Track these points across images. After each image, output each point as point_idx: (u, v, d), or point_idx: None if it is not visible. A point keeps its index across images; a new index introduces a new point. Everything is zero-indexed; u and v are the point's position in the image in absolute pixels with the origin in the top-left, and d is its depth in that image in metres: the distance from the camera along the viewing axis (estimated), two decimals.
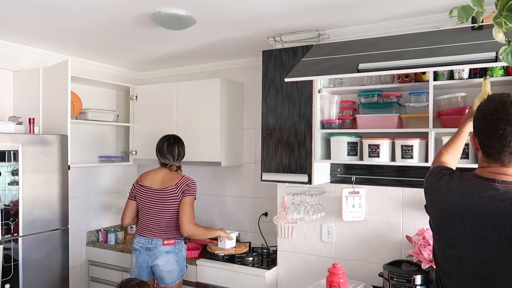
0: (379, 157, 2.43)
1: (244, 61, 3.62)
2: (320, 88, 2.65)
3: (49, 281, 2.76)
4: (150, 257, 2.85)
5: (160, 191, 2.89)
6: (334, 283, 2.33)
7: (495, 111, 1.36)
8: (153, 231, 2.89)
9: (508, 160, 1.36)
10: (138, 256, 2.88)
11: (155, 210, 2.89)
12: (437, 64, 1.92)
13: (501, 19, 0.79)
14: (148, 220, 2.91)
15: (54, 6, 2.33)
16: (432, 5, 2.31)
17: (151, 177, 2.98)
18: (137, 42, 3.09)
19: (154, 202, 2.90)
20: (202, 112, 3.48)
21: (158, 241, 2.86)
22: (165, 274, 2.84)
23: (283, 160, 2.78)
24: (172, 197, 2.87)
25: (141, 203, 2.95)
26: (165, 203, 2.88)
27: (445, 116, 2.31)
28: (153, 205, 2.90)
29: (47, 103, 3.04)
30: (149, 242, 2.87)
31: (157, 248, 2.85)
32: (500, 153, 1.36)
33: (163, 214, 2.88)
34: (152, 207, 2.90)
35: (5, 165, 2.52)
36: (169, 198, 2.87)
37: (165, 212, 2.88)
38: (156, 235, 2.88)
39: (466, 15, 0.84)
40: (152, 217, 2.90)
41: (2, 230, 2.48)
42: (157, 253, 2.84)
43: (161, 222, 2.88)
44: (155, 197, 2.90)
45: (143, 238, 2.89)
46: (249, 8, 2.36)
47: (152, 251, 2.85)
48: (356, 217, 2.70)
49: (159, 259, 2.84)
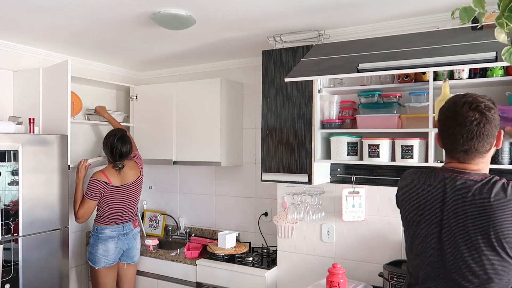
0: (379, 157, 2.43)
1: (244, 61, 3.62)
2: (320, 88, 2.65)
3: (49, 281, 2.76)
4: (129, 240, 3.20)
5: (133, 183, 3.22)
6: (334, 283, 2.33)
7: (448, 111, 1.45)
8: (124, 217, 3.21)
9: (463, 158, 1.44)
10: (118, 242, 3.15)
11: (130, 200, 3.23)
12: (437, 64, 1.92)
13: (503, 19, 0.79)
14: (120, 211, 3.18)
15: (54, 6, 2.33)
16: (432, 5, 2.31)
17: (116, 176, 3.15)
18: (137, 42, 3.09)
19: (130, 194, 3.21)
20: (202, 112, 3.48)
21: (129, 225, 3.23)
22: (136, 252, 3.28)
23: (283, 160, 2.78)
24: (141, 184, 3.33)
25: (112, 200, 3.13)
26: (138, 191, 3.31)
27: None
28: (128, 197, 3.21)
29: (47, 103, 3.04)
30: (123, 228, 3.19)
31: (132, 231, 3.23)
32: (453, 151, 1.45)
33: (136, 201, 3.30)
34: (126, 199, 3.20)
35: (5, 165, 2.52)
36: (140, 186, 3.32)
37: (137, 198, 3.32)
38: (126, 220, 3.22)
39: (467, 16, 0.85)
40: (125, 206, 3.20)
41: (2, 230, 2.48)
42: (134, 235, 3.24)
43: (133, 207, 3.30)
44: (130, 190, 3.21)
45: (117, 227, 3.16)
46: (249, 8, 2.36)
47: (129, 234, 3.21)
48: (356, 217, 2.70)
49: (136, 240, 3.27)
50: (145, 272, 3.44)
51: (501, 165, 2.08)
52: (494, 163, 2.08)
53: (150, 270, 3.42)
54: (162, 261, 3.36)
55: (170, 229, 3.99)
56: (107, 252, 3.10)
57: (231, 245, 3.25)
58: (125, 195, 3.18)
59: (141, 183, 3.32)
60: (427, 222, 1.46)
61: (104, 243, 3.10)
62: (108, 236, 3.11)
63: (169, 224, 4.04)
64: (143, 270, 3.44)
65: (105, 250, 3.10)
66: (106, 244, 3.10)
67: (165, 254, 3.37)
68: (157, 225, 4.05)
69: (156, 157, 3.71)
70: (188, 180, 4.00)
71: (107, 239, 3.11)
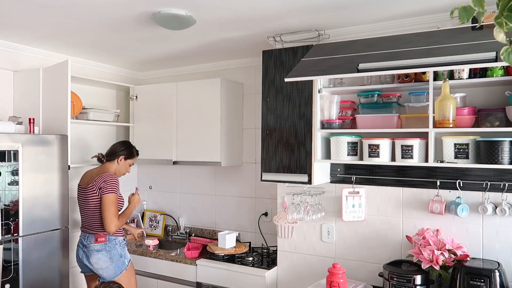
0: (379, 157, 2.43)
1: (244, 61, 3.62)
2: (320, 88, 2.65)
3: (49, 281, 2.76)
4: (84, 253, 2.91)
5: (82, 189, 2.96)
6: (334, 283, 2.33)
7: None
8: (86, 227, 2.95)
9: None
10: (78, 251, 2.95)
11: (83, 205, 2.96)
12: (437, 64, 1.92)
13: (502, 19, 0.79)
14: (81, 215, 2.99)
15: (54, 6, 2.33)
16: (432, 5, 2.31)
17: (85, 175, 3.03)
18: (137, 42, 3.09)
19: (82, 199, 2.96)
20: (202, 112, 3.48)
21: (90, 237, 2.90)
22: (102, 272, 2.87)
23: (283, 160, 2.78)
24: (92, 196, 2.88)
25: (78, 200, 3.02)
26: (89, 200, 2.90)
27: None
28: (81, 201, 2.98)
29: (47, 103, 3.04)
30: (85, 239, 2.93)
31: (90, 245, 2.89)
32: None
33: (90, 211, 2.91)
34: (80, 203, 2.98)
35: (5, 165, 2.52)
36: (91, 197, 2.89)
37: (91, 209, 2.90)
38: (88, 231, 2.93)
39: (467, 15, 0.84)
40: (82, 212, 2.98)
41: (2, 230, 2.48)
42: (89, 251, 2.88)
43: (89, 219, 2.93)
44: (81, 194, 2.96)
45: (82, 234, 2.97)
46: (249, 8, 2.36)
47: (85, 248, 2.91)
48: (356, 217, 2.70)
49: (92, 257, 2.87)
50: (145, 272, 3.44)
51: (501, 165, 2.08)
52: (494, 163, 2.08)
53: (150, 270, 3.42)
54: (162, 261, 3.36)
55: (170, 229, 3.99)
56: (75, 258, 3.00)
57: (231, 245, 3.25)
58: (79, 197, 3.00)
59: (91, 195, 2.88)
60: None
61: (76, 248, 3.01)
62: (77, 241, 3.01)
63: (169, 224, 4.04)
64: (143, 270, 3.44)
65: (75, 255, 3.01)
66: (75, 249, 3.01)
67: (165, 254, 3.37)
68: (157, 225, 4.05)
69: (156, 157, 3.71)
70: (188, 180, 4.00)
71: (77, 244, 3.00)
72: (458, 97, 2.32)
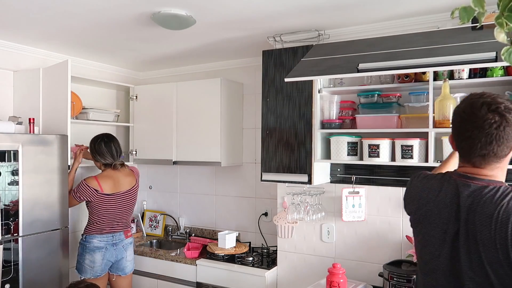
0: (379, 157, 2.43)
1: (244, 61, 3.62)
2: (320, 88, 2.65)
3: (49, 281, 2.76)
4: (118, 251, 3.09)
5: (127, 192, 3.14)
6: (334, 283, 2.33)
7: (464, 113, 1.34)
8: (115, 227, 3.11)
9: (479, 163, 1.34)
10: (105, 253, 3.04)
11: (123, 209, 3.13)
12: (437, 64, 1.92)
13: (502, 19, 0.80)
14: (111, 220, 3.09)
15: (54, 6, 2.33)
16: (432, 5, 2.31)
17: (109, 183, 3.07)
18: (137, 42, 3.09)
19: (123, 203, 3.12)
20: (202, 112, 3.48)
21: (120, 235, 3.12)
22: (128, 264, 3.15)
23: (283, 160, 2.78)
24: (136, 193, 3.24)
25: (103, 207, 3.05)
26: (133, 201, 3.21)
27: None
28: (121, 206, 3.12)
29: (47, 103, 3.04)
30: (113, 238, 3.08)
31: (122, 241, 3.12)
32: (469, 155, 1.35)
33: (129, 211, 3.21)
34: (118, 208, 3.11)
35: (5, 165, 2.52)
36: (135, 195, 3.23)
37: (131, 208, 3.22)
38: (118, 230, 3.12)
39: (467, 16, 0.85)
40: (117, 215, 3.11)
41: (2, 230, 2.48)
42: (125, 246, 3.13)
43: (127, 217, 3.20)
44: (123, 199, 3.12)
45: (106, 236, 3.06)
46: (249, 8, 2.36)
47: (118, 245, 3.09)
48: (356, 217, 2.70)
49: (127, 251, 3.15)
50: (145, 272, 3.44)
51: None
52: None
53: (150, 270, 3.42)
54: (162, 261, 3.36)
55: (170, 229, 3.99)
56: (93, 263, 2.99)
57: (231, 245, 3.25)
58: (117, 204, 3.09)
59: (136, 193, 3.22)
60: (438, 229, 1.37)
61: (91, 254, 3.00)
62: (95, 247, 3.00)
63: (169, 224, 4.04)
64: (143, 270, 3.44)
65: (92, 261, 3.00)
66: (93, 255, 3.00)
67: (165, 254, 3.37)
68: (157, 225, 4.05)
69: (156, 157, 3.71)
70: (188, 180, 4.00)
71: (94, 249, 3.00)
72: (458, 97, 2.31)
